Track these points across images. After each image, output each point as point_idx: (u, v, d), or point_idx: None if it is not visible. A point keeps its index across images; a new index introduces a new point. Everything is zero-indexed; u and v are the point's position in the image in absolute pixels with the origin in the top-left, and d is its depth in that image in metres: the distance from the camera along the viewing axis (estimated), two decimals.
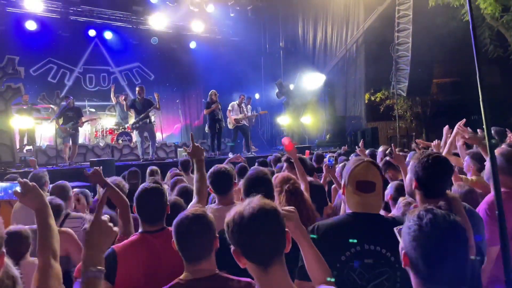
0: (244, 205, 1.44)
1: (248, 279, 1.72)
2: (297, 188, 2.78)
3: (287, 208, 1.71)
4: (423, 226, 1.27)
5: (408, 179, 2.22)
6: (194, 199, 2.70)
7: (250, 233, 1.38)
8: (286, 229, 1.45)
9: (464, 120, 3.87)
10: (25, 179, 1.92)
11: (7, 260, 1.57)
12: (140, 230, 2.34)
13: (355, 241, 1.81)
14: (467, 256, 1.29)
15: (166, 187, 4.90)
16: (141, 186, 2.41)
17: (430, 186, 2.09)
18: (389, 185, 3.03)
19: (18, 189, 1.87)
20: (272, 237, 1.39)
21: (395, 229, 1.41)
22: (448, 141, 3.91)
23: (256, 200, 1.46)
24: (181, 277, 1.84)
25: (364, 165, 1.94)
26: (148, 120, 9.85)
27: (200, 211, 1.94)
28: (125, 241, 2.31)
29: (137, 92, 9.85)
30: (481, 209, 2.54)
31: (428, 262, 1.25)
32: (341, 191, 2.01)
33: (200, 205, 2.21)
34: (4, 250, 1.38)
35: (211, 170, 3.03)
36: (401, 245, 1.35)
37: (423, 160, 2.11)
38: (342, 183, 2.00)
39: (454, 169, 2.19)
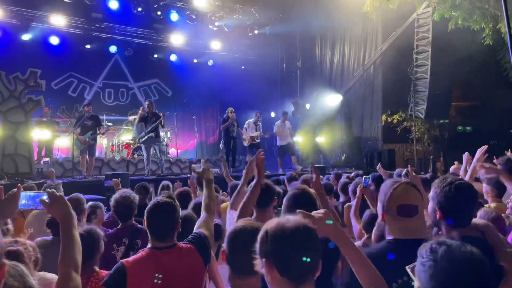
0: (286, 218, 1.44)
1: None
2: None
3: (317, 211, 1.67)
4: (438, 260, 1.16)
5: (431, 208, 2.06)
6: (203, 216, 2.70)
7: (291, 246, 1.36)
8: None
9: (486, 146, 3.77)
10: (52, 189, 1.93)
11: (25, 269, 1.55)
12: (149, 245, 2.28)
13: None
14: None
15: None
16: (153, 200, 2.37)
17: (456, 216, 1.94)
18: None
19: (45, 198, 1.88)
20: (310, 255, 1.37)
21: (407, 267, 1.31)
22: (471, 167, 3.80)
23: (298, 217, 1.45)
24: None
25: (403, 187, 1.83)
26: (153, 135, 9.69)
27: (257, 225, 1.86)
28: (135, 257, 2.25)
29: (146, 106, 9.82)
30: None
31: None
32: (379, 218, 1.89)
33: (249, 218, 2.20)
34: (5, 261, 1.36)
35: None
36: (416, 285, 1.24)
37: (446, 188, 1.94)
38: (381, 208, 1.87)
39: (478, 195, 2.06)
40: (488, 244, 1.87)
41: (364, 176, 4.17)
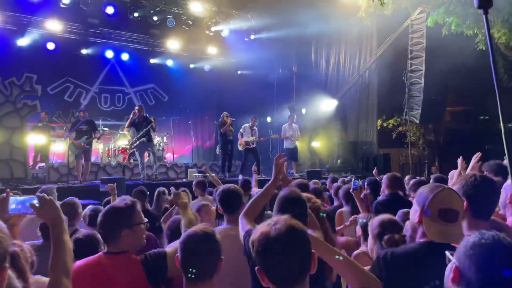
0: (271, 224, 1.41)
1: None
2: (318, 208, 2.73)
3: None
4: (484, 238, 1.18)
5: None
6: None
7: (274, 256, 1.36)
8: (312, 251, 1.41)
9: (480, 154, 3.82)
10: (43, 193, 1.92)
11: (11, 273, 1.55)
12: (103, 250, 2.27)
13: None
14: None
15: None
16: (107, 206, 2.34)
17: (480, 204, 2.02)
18: None
19: (35, 202, 1.87)
20: (296, 262, 1.36)
21: (447, 252, 1.30)
22: (467, 173, 3.85)
23: (283, 221, 1.42)
24: None
25: (447, 192, 1.82)
26: (145, 139, 9.63)
27: (209, 229, 1.89)
28: (87, 258, 2.24)
29: (136, 110, 9.75)
30: None
31: (483, 274, 1.13)
32: (416, 219, 1.88)
33: (207, 223, 2.16)
34: (7, 265, 1.37)
35: (220, 188, 3.03)
36: (450, 264, 1.25)
37: (471, 179, 2.05)
38: (419, 210, 1.86)
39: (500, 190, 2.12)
40: None
41: (353, 179, 4.17)
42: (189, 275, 1.80)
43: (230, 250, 2.49)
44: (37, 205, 1.86)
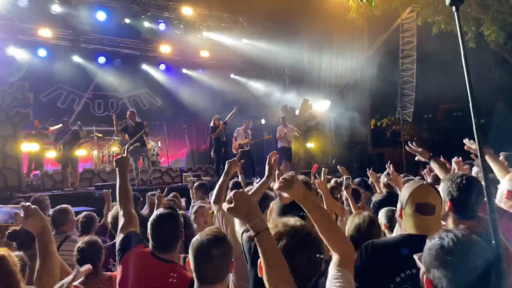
0: (289, 225, 1.48)
1: None
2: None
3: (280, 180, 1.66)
4: (445, 245, 1.24)
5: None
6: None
7: (288, 257, 1.41)
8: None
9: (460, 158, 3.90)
10: (28, 203, 1.89)
11: None
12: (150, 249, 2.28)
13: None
14: (493, 276, 1.22)
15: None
16: (155, 212, 2.39)
17: (465, 207, 2.04)
18: None
19: (20, 212, 1.84)
20: (306, 268, 1.44)
21: (415, 256, 1.37)
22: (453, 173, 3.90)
23: (299, 227, 1.49)
24: None
25: (425, 187, 1.92)
26: (139, 144, 9.59)
27: (221, 233, 1.89)
28: (139, 250, 2.25)
29: (128, 116, 9.71)
30: None
31: (453, 281, 1.19)
32: (397, 214, 1.99)
33: (217, 226, 2.19)
34: None
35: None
36: (422, 270, 1.31)
37: (457, 180, 2.07)
38: (399, 206, 1.97)
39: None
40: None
41: (345, 177, 4.30)
42: (201, 279, 1.81)
43: None
44: (21, 214, 1.82)
